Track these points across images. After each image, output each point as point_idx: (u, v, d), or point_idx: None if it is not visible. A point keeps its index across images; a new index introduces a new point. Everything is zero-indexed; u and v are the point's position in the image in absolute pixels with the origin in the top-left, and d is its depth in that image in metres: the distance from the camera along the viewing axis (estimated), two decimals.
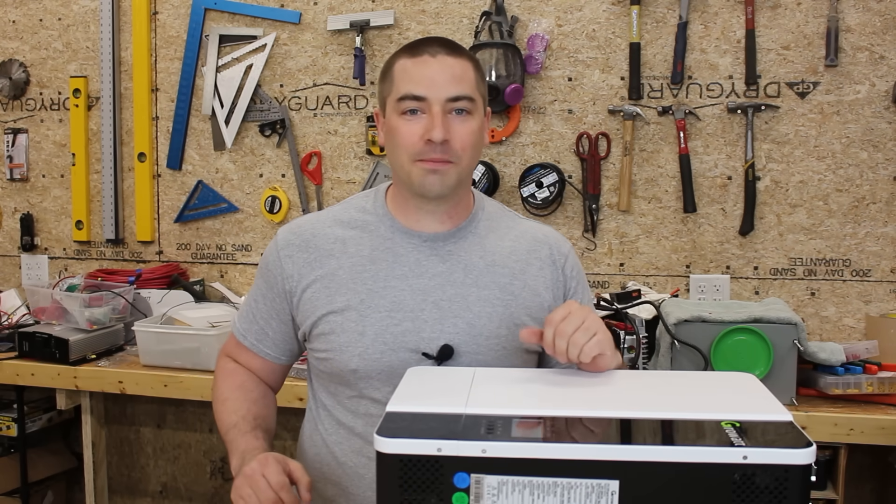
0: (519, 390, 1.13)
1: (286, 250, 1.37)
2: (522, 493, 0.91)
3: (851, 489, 2.24)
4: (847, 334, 2.38)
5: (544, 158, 2.54)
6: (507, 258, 1.37)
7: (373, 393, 1.32)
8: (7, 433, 2.59)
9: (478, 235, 1.38)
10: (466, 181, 1.36)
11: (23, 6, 2.98)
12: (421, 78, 1.29)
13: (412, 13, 2.61)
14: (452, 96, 1.28)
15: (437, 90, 1.28)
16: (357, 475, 1.34)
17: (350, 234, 1.37)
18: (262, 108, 2.77)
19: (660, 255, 2.49)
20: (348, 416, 1.35)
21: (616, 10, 2.46)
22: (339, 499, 1.36)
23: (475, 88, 1.32)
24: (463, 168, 1.31)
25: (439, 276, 1.34)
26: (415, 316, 1.31)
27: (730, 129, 2.41)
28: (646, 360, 2.08)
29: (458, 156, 1.30)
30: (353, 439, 1.34)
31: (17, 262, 3.06)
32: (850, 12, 2.31)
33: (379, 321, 1.31)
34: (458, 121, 1.29)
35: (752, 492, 0.89)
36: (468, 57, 1.33)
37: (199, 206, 2.86)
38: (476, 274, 1.35)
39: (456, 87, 1.29)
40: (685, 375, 1.42)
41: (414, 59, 1.30)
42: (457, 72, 1.29)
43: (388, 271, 1.34)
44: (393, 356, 1.31)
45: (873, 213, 2.35)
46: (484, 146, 1.39)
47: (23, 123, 3.02)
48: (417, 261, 1.35)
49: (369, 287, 1.33)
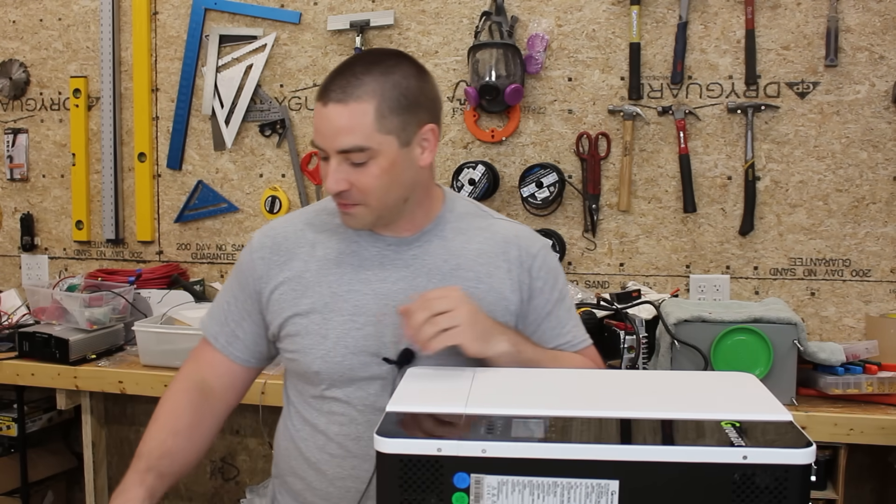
0: (519, 390, 1.13)
1: (259, 252, 1.39)
2: (522, 493, 0.91)
3: (851, 489, 2.24)
4: (847, 334, 2.38)
5: (544, 158, 2.54)
6: (474, 261, 1.36)
7: (335, 393, 1.35)
8: (7, 433, 2.59)
9: (444, 239, 1.38)
10: (394, 209, 1.32)
11: (23, 6, 2.98)
12: (319, 127, 1.27)
13: (412, 13, 2.61)
14: (342, 149, 1.24)
15: (330, 143, 1.25)
16: (319, 471, 1.36)
17: (319, 237, 1.39)
18: (262, 108, 2.77)
19: (660, 255, 2.49)
20: (313, 413, 1.37)
21: (616, 10, 2.46)
22: (305, 493, 1.39)
23: (370, 135, 1.24)
24: (375, 206, 1.28)
25: (402, 280, 1.34)
26: (377, 321, 1.32)
27: (730, 129, 2.41)
28: (646, 360, 2.08)
29: (362, 198, 1.27)
30: (316, 436, 1.36)
31: (18, 262, 3.07)
32: (850, 12, 2.31)
33: (341, 325, 1.33)
34: (354, 171, 1.26)
35: (752, 492, 0.89)
36: (365, 96, 1.24)
37: (200, 206, 2.86)
38: (439, 278, 1.34)
39: (344, 139, 1.24)
40: (685, 375, 1.43)
41: (318, 102, 1.27)
42: (343, 123, 1.23)
43: (352, 275, 1.35)
44: (354, 360, 1.32)
45: (873, 213, 2.35)
46: (418, 170, 1.31)
47: (23, 123, 3.02)
48: (381, 265, 1.35)
49: (333, 290, 1.34)
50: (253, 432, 2.77)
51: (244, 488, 2.67)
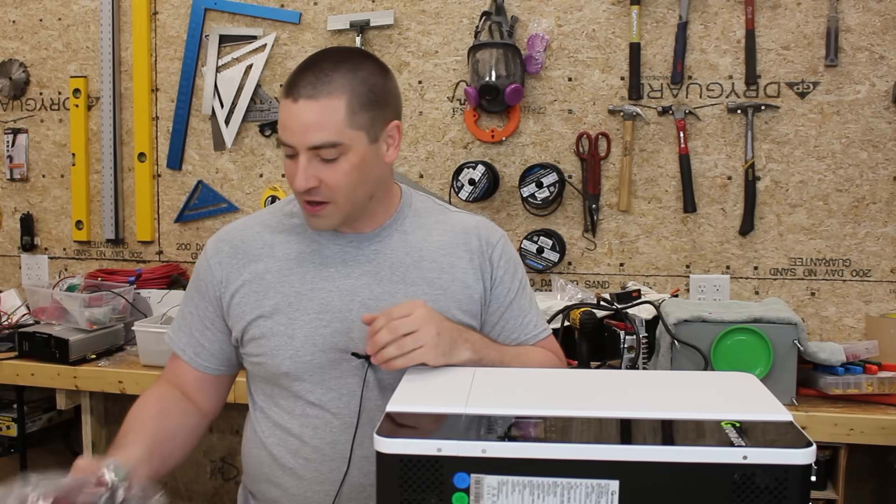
0: (519, 390, 1.13)
1: (216, 258, 1.38)
2: (522, 493, 0.91)
3: (851, 489, 2.24)
4: (847, 334, 2.38)
5: (544, 158, 2.54)
6: (435, 253, 1.37)
7: (306, 395, 1.33)
8: (7, 433, 2.59)
9: (403, 233, 1.38)
10: (360, 205, 1.32)
11: (23, 6, 2.98)
12: (287, 124, 1.25)
13: (412, 13, 2.61)
14: (313, 145, 1.23)
15: (300, 138, 1.23)
16: (296, 475, 1.34)
17: (277, 237, 1.38)
18: (262, 108, 2.77)
19: (660, 255, 2.49)
20: (285, 416, 1.36)
21: (616, 10, 2.46)
22: (283, 499, 1.36)
23: (342, 130, 1.23)
24: (343, 204, 1.28)
25: (366, 275, 1.34)
26: (343, 317, 1.32)
27: (730, 129, 2.41)
28: (646, 360, 2.08)
29: (331, 196, 1.27)
30: (290, 440, 1.35)
31: (17, 262, 3.07)
32: (850, 12, 2.31)
33: (308, 323, 1.32)
34: (324, 167, 1.25)
35: (752, 492, 0.89)
36: (335, 92, 1.23)
37: (199, 206, 2.86)
38: (403, 271, 1.35)
39: (315, 135, 1.23)
40: (685, 375, 1.42)
41: (286, 99, 1.25)
42: (313, 118, 1.22)
43: (314, 273, 1.34)
44: (323, 357, 1.32)
45: (873, 213, 2.35)
46: (384, 167, 1.32)
47: (23, 123, 3.02)
48: (344, 261, 1.35)
49: (297, 289, 1.34)
50: None
51: None
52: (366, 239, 1.36)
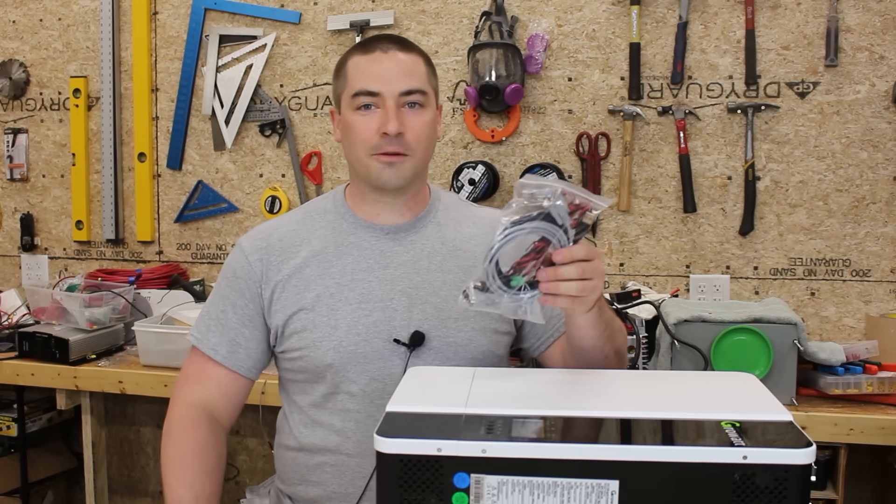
0: (519, 390, 1.13)
1: (255, 254, 1.40)
2: (522, 493, 0.91)
3: (851, 489, 2.24)
4: (847, 334, 2.38)
5: (544, 158, 2.54)
6: (468, 243, 1.41)
7: (349, 387, 1.34)
8: (7, 433, 2.59)
9: (437, 224, 1.42)
10: (423, 173, 1.40)
11: (23, 6, 2.98)
12: (374, 74, 1.32)
13: (412, 13, 2.61)
14: (405, 90, 1.32)
15: (390, 85, 1.32)
16: (337, 472, 1.35)
17: (314, 233, 1.41)
18: (262, 108, 2.77)
19: (660, 255, 2.49)
20: (324, 413, 1.36)
21: (616, 10, 2.46)
22: (322, 499, 1.37)
23: (426, 82, 1.36)
24: (418, 160, 1.35)
25: (405, 265, 1.37)
26: (384, 305, 1.34)
27: (730, 129, 2.41)
28: (646, 360, 2.08)
29: (412, 148, 1.33)
30: (330, 437, 1.35)
31: (17, 262, 3.07)
32: (850, 12, 2.31)
33: (350, 313, 1.34)
34: (411, 114, 1.33)
35: (752, 492, 0.89)
36: (419, 52, 1.38)
37: (199, 206, 2.86)
38: (440, 260, 1.39)
39: (408, 81, 1.33)
40: (685, 375, 1.43)
41: (367, 55, 1.34)
42: (408, 66, 1.34)
43: (354, 264, 1.37)
44: (366, 346, 1.33)
45: (873, 213, 2.35)
46: (437, 139, 1.44)
47: (23, 123, 3.02)
48: (382, 252, 1.38)
49: (337, 281, 1.36)
50: (253, 432, 2.77)
51: (244, 488, 2.67)
52: (402, 230, 1.40)
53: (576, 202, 1.07)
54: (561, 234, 1.07)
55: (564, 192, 1.06)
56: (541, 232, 1.07)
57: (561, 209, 1.06)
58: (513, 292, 1.08)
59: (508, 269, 1.08)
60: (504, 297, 1.08)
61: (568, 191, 1.07)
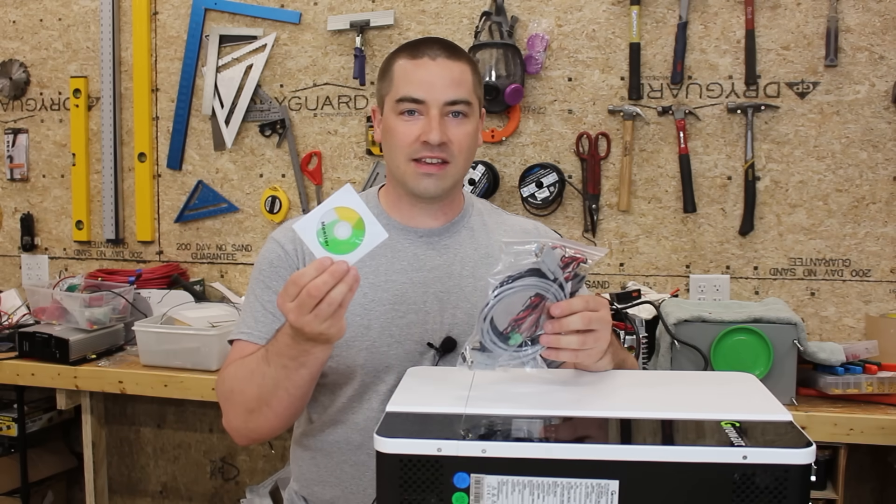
0: (519, 390, 1.13)
1: (290, 245, 1.38)
2: (522, 493, 0.91)
3: (851, 489, 2.24)
4: (847, 334, 2.38)
5: (544, 158, 2.54)
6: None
7: (378, 386, 1.34)
8: (7, 433, 2.59)
9: (470, 230, 1.42)
10: (460, 181, 1.40)
11: (23, 6, 2.98)
12: (420, 81, 1.31)
13: (412, 13, 2.61)
14: (450, 100, 1.31)
15: (436, 93, 1.31)
16: (358, 472, 1.35)
17: None
18: (262, 108, 2.77)
19: (660, 255, 2.49)
20: (348, 413, 1.36)
21: (616, 10, 2.46)
22: (339, 500, 1.37)
23: (472, 92, 1.35)
24: (458, 170, 1.35)
25: (437, 269, 1.37)
26: (418, 308, 1.34)
27: (730, 129, 2.41)
28: (646, 360, 2.08)
29: (454, 156, 1.33)
30: (353, 436, 1.35)
31: (18, 262, 3.07)
32: (850, 12, 2.31)
33: (383, 314, 1.34)
34: (454, 123, 1.32)
35: (752, 492, 0.89)
36: (467, 60, 1.36)
37: (200, 206, 2.86)
38: (472, 266, 1.39)
39: (454, 91, 1.31)
40: (685, 375, 1.42)
41: (414, 60, 1.33)
42: (455, 75, 1.32)
43: (388, 266, 1.36)
44: (399, 348, 1.33)
45: (873, 213, 2.35)
46: (478, 147, 1.43)
47: (23, 123, 3.02)
48: (416, 255, 1.38)
49: (371, 282, 1.35)
50: None
51: (244, 488, 2.67)
52: (436, 234, 1.40)
53: (568, 254, 1.06)
54: (556, 288, 1.06)
55: (555, 246, 1.05)
56: (533, 288, 1.06)
57: (550, 263, 1.05)
58: (512, 349, 1.07)
59: (506, 327, 1.07)
60: (503, 355, 1.07)
61: (559, 244, 1.06)
